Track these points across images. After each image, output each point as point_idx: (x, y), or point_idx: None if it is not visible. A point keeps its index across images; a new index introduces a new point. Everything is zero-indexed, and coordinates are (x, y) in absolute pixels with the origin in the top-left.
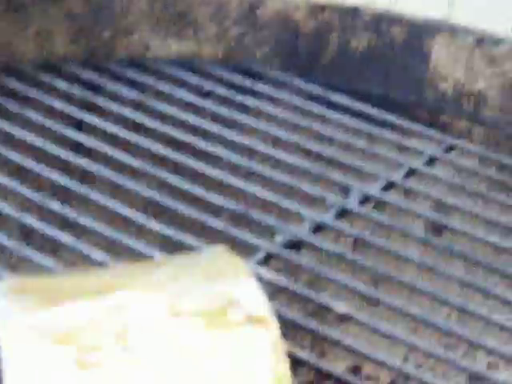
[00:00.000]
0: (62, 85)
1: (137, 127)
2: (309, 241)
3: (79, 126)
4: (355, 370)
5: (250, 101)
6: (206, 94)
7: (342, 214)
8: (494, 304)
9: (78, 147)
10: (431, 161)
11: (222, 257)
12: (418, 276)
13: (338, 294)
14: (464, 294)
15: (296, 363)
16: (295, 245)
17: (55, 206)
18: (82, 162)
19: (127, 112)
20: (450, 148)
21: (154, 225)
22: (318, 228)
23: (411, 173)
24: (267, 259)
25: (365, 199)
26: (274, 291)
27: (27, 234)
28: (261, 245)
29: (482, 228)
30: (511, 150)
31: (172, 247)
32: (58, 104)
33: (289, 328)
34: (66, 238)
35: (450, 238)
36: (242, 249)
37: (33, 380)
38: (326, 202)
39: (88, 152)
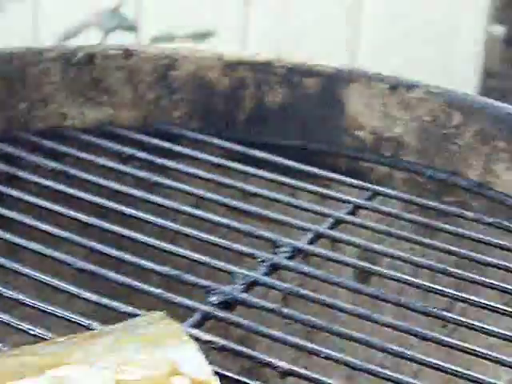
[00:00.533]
0: None
1: (59, 197)
2: (242, 298)
3: (1, 200)
4: None
5: (170, 163)
6: (127, 159)
7: (273, 269)
8: (428, 346)
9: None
10: (355, 209)
11: (160, 322)
12: (350, 324)
13: (273, 348)
14: (397, 339)
15: None
16: (229, 304)
17: None
18: (4, 234)
19: (48, 182)
20: (373, 195)
21: (86, 294)
22: (251, 285)
23: (337, 223)
24: (203, 320)
25: (294, 252)
26: (211, 352)
27: None
28: (196, 306)
29: (409, 272)
30: (433, 193)
31: (107, 316)
32: None
33: None
34: None
35: (378, 284)
36: (178, 312)
37: None
38: (256, 259)
39: (10, 225)
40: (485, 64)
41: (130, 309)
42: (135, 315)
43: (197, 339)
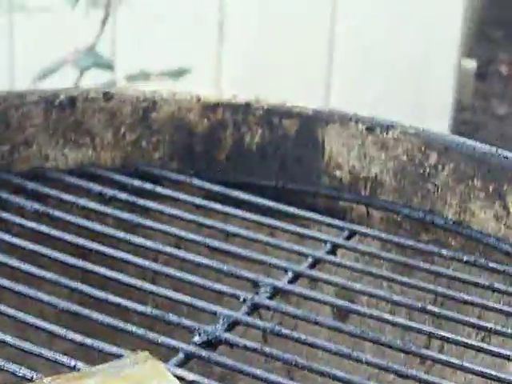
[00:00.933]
0: None
1: (42, 238)
2: (225, 338)
3: None
4: None
5: (151, 204)
6: (108, 201)
7: (254, 308)
8: (407, 383)
9: None
10: (334, 248)
11: (145, 363)
12: (330, 362)
13: None
14: (376, 376)
15: None
16: (212, 343)
17: None
18: None
19: (31, 224)
20: (351, 234)
21: (70, 334)
22: (232, 324)
23: (316, 262)
24: (186, 360)
25: (274, 292)
26: None
27: None
28: (179, 346)
29: (387, 310)
30: (410, 232)
31: (92, 356)
32: None
33: None
34: None
35: (358, 322)
36: (161, 351)
37: None
38: (237, 299)
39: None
40: (458, 97)
41: (114, 349)
42: (120, 355)
43: (181, 378)
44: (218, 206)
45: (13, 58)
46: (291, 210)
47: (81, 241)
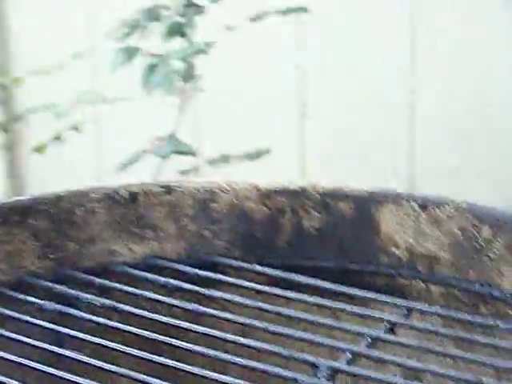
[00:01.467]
0: (35, 301)
1: (110, 332)
2: None
3: (59, 340)
4: None
5: (215, 292)
6: (173, 291)
7: None
8: None
9: (57, 362)
10: (393, 327)
11: None
12: None
13: None
14: None
15: None
16: None
17: None
18: (63, 374)
19: (100, 319)
20: (410, 312)
21: None
22: None
23: (375, 341)
24: None
25: (333, 373)
26: None
27: None
28: None
29: None
30: (469, 305)
31: None
32: (34, 320)
33: None
34: None
35: None
36: None
37: None
38: (296, 382)
39: (70, 364)
40: None
41: None
42: None
43: None
44: (279, 291)
45: (101, 147)
46: (350, 290)
47: (147, 333)
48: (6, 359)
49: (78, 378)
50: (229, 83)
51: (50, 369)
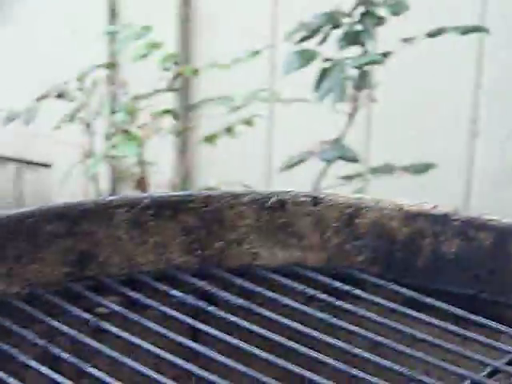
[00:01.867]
0: (176, 294)
1: (244, 333)
2: None
3: (194, 335)
4: None
5: (349, 306)
6: (310, 300)
7: None
8: None
9: (194, 356)
10: None
11: None
12: None
13: None
14: None
15: None
16: None
17: None
18: (196, 369)
19: (237, 319)
20: None
21: None
22: None
23: (494, 373)
24: None
25: None
26: None
27: None
28: None
29: None
30: None
31: None
32: (173, 313)
33: None
34: None
35: None
36: None
37: None
38: None
39: (206, 362)
40: None
41: None
42: None
43: None
44: (410, 312)
45: (270, 145)
46: (480, 319)
47: (279, 338)
48: (146, 349)
49: (212, 376)
50: (402, 95)
51: (188, 364)
